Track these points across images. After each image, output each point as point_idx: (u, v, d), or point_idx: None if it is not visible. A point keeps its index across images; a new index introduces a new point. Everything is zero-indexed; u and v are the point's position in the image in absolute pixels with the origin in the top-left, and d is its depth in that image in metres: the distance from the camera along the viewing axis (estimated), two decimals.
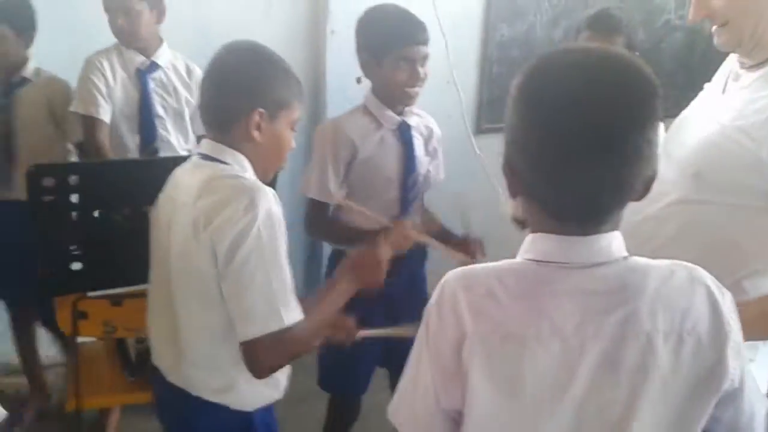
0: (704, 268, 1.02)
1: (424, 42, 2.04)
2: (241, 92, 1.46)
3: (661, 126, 1.03)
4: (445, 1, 3.13)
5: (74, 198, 1.89)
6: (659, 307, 0.97)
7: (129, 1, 2.36)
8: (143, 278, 1.64)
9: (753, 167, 1.38)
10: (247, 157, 1.49)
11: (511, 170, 1.01)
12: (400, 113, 2.13)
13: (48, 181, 1.83)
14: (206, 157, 1.49)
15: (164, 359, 1.59)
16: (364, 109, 2.13)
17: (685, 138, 1.48)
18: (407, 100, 2.09)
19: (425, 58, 2.05)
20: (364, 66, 2.09)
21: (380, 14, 2.09)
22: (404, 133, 2.14)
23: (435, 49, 2.13)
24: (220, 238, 1.37)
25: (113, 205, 1.92)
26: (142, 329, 2.09)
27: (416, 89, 2.06)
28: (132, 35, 2.42)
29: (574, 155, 0.93)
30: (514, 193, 1.03)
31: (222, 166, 1.47)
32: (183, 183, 1.51)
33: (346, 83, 2.91)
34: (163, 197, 1.56)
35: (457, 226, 2.24)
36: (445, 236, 2.21)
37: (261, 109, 1.45)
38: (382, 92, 2.10)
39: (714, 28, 1.49)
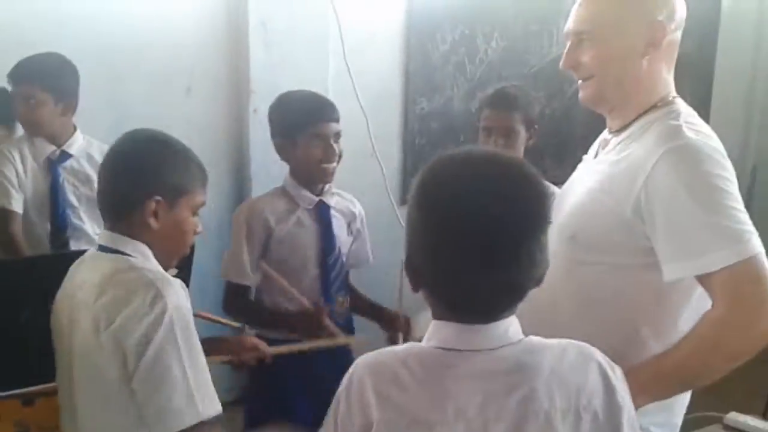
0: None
1: (335, 119, 2.10)
2: (136, 180, 1.43)
3: None
4: (366, 80, 3.21)
5: None
6: (555, 386, 1.00)
7: (29, 90, 2.33)
8: (53, 376, 1.56)
9: (620, 226, 1.41)
10: (148, 244, 1.45)
11: (411, 266, 1.04)
12: (318, 193, 2.15)
13: None
14: (105, 248, 1.45)
15: None
16: (282, 190, 2.14)
17: (563, 205, 1.53)
18: (324, 177, 2.12)
19: (338, 134, 2.10)
20: (280, 149, 2.12)
21: (290, 97, 2.14)
22: (322, 212, 2.16)
23: (356, 124, 2.18)
24: (125, 336, 1.31)
25: (22, 303, 1.84)
26: (57, 428, 2.03)
27: (333, 165, 2.10)
28: (33, 125, 2.39)
29: (469, 261, 0.97)
30: (415, 286, 1.06)
31: (123, 258, 1.42)
32: (81, 279, 1.45)
33: (269, 161, 2.95)
34: (61, 295, 1.49)
35: (386, 300, 2.24)
36: (375, 312, 2.21)
37: (158, 197, 1.42)
38: (299, 172, 2.12)
39: (579, 82, 1.54)
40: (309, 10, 3.12)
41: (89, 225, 2.48)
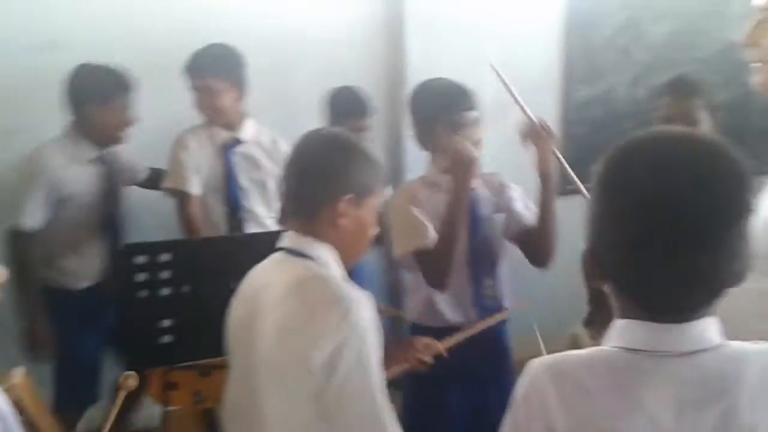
0: None
1: (472, 107, 2.09)
2: (328, 180, 1.43)
3: None
4: (523, 67, 3.14)
5: (165, 274, 1.94)
6: (761, 400, 0.91)
7: (210, 80, 2.47)
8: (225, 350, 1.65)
9: None
10: (332, 245, 1.44)
11: (594, 256, 0.99)
12: None
13: (140, 260, 1.89)
14: (290, 251, 1.45)
15: None
16: (426, 179, 2.15)
17: None
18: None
19: (476, 121, 2.08)
20: (420, 137, 2.14)
21: (430, 86, 2.15)
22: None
23: (511, 113, 2.13)
24: (311, 352, 1.29)
25: (202, 280, 1.96)
26: None
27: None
28: (214, 113, 2.53)
29: (659, 249, 0.91)
30: (598, 279, 1.00)
31: (308, 264, 1.41)
32: (265, 280, 1.45)
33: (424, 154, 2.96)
34: (244, 292, 1.50)
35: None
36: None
37: (348, 196, 1.42)
38: (439, 160, 2.11)
39: (754, 64, 1.41)
40: None
41: (259, 207, 2.61)
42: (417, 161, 3.04)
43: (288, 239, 1.47)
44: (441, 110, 2.06)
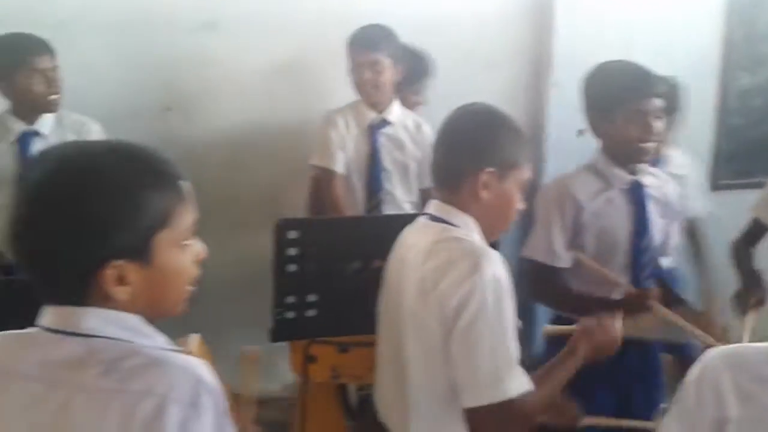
0: None
1: (659, 94, 1.95)
2: (472, 151, 1.47)
3: None
4: (678, 52, 2.97)
5: (314, 251, 1.99)
6: None
7: (379, 57, 2.51)
8: (368, 329, 1.69)
9: None
10: (475, 217, 1.49)
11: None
12: (632, 172, 2.03)
13: (293, 234, 1.95)
14: (434, 218, 1.51)
15: (391, 417, 1.61)
16: (592, 168, 2.05)
17: None
18: (641, 156, 1.99)
19: (660, 111, 1.95)
20: (594, 124, 2.03)
21: (610, 69, 2.02)
22: (636, 193, 2.03)
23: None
24: (446, 299, 1.38)
25: (347, 258, 2.01)
26: (365, 377, 2.19)
27: (651, 144, 1.96)
28: (376, 89, 2.56)
29: None
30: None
31: (449, 227, 1.48)
32: (411, 243, 1.53)
33: (565, 136, 2.88)
34: (393, 258, 1.60)
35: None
36: (682, 311, 2.04)
37: (490, 169, 1.45)
38: (613, 150, 2.01)
39: None
40: None
41: (399, 190, 2.64)
42: (558, 145, 3.00)
43: (432, 207, 1.53)
44: (620, 96, 1.94)
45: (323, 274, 2.03)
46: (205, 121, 2.80)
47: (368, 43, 2.52)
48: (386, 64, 2.53)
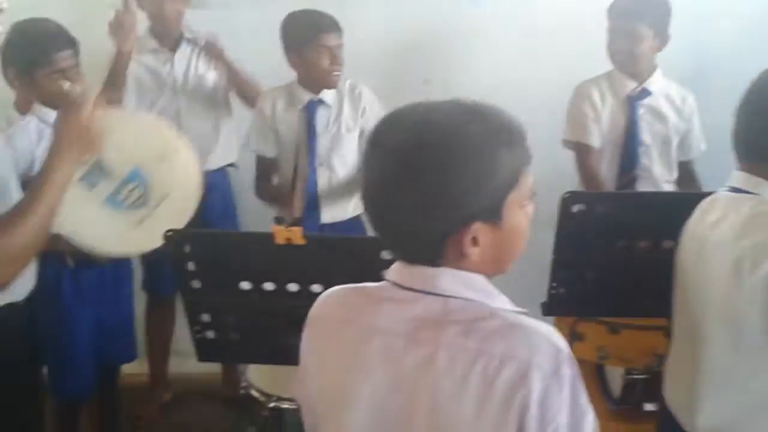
0: None
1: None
2: None
3: None
4: None
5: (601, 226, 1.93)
6: None
7: (636, 24, 2.38)
8: (646, 311, 1.61)
9: None
10: None
11: None
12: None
13: (577, 207, 1.90)
14: (738, 190, 1.39)
15: (675, 400, 1.51)
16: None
17: None
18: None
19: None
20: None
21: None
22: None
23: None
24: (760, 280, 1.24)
25: (635, 236, 1.93)
26: (635, 361, 2.12)
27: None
28: (629, 58, 2.44)
29: None
30: None
31: (762, 199, 1.35)
32: (713, 219, 1.41)
33: None
34: (686, 236, 1.48)
35: None
36: None
37: None
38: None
39: None
40: None
41: (658, 166, 2.50)
42: None
43: (735, 178, 1.42)
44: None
45: (609, 252, 1.96)
46: (462, 94, 2.77)
47: (623, 11, 2.39)
48: (643, 35, 2.38)
